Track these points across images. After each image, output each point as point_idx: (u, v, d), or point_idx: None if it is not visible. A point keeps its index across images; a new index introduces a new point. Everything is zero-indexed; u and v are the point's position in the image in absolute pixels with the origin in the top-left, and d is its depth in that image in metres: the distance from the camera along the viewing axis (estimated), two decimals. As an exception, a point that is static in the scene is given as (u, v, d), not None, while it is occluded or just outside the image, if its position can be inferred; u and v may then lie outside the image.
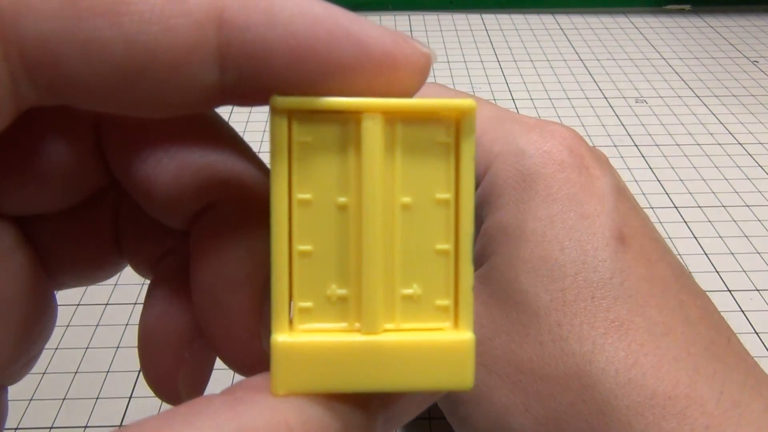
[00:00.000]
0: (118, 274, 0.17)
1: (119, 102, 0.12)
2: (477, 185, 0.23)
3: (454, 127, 0.12)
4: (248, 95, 0.12)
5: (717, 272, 0.36)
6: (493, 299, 0.21)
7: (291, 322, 0.12)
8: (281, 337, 0.11)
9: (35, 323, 0.15)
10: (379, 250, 0.11)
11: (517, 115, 0.24)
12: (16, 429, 0.28)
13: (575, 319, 0.19)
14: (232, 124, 0.15)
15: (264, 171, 0.15)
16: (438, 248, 0.12)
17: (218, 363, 0.16)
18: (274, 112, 0.11)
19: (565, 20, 0.67)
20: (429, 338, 0.11)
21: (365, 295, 0.11)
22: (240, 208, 0.14)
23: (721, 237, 0.38)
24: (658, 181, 0.43)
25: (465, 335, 0.12)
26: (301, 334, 0.11)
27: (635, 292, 0.19)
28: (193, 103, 0.12)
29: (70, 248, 0.15)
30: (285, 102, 0.11)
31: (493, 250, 0.21)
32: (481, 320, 0.21)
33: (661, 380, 0.18)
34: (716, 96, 0.53)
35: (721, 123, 0.50)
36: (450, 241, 0.12)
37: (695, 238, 0.38)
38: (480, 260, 0.22)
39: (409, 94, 0.12)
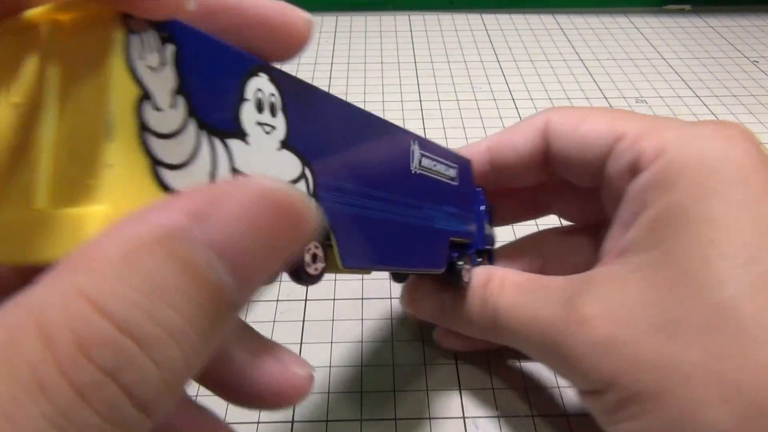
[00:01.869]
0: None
1: None
2: (639, 171, 0.22)
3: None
4: None
5: (717, 272, 0.36)
6: (674, 283, 0.20)
7: None
8: None
9: None
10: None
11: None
12: (17, 429, 0.28)
13: None
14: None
15: None
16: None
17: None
18: None
19: (565, 20, 0.67)
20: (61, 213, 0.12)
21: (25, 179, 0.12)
22: None
23: (721, 237, 0.38)
24: (658, 181, 0.43)
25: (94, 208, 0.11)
26: None
27: None
28: None
29: None
30: None
31: (669, 233, 0.20)
32: (665, 304, 0.20)
33: None
34: (716, 96, 0.53)
35: (721, 123, 0.50)
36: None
37: (695, 238, 0.38)
38: (647, 243, 0.21)
39: (294, 52, 0.15)
